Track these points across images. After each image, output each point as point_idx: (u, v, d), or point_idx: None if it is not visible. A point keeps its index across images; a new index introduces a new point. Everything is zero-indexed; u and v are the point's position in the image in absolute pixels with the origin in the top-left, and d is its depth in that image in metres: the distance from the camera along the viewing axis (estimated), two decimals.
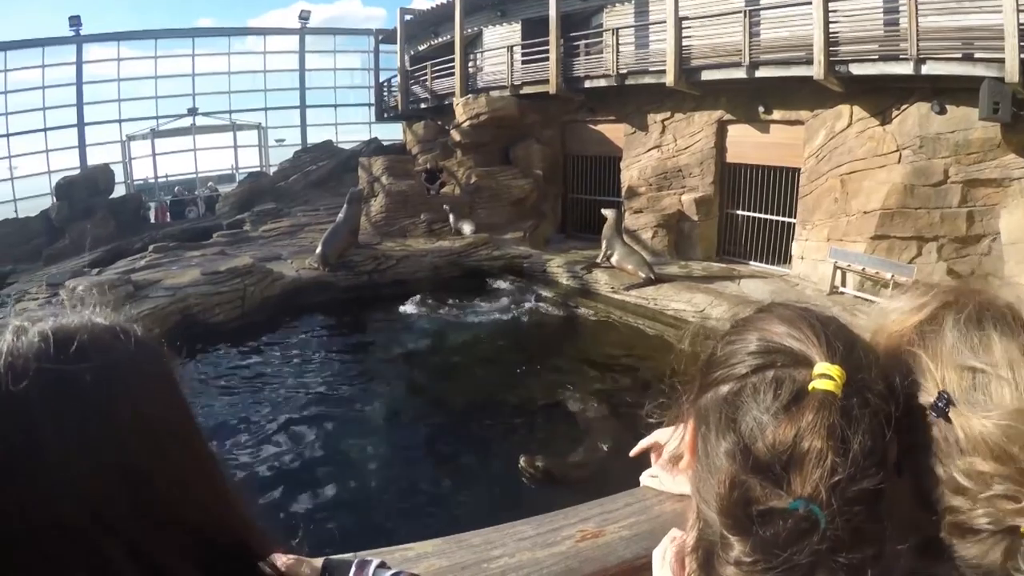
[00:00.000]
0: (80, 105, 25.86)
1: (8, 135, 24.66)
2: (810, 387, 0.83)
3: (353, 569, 1.22)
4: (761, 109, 13.35)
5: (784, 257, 13.71)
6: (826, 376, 0.83)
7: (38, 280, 15.53)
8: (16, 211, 23.81)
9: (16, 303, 14.26)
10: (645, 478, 1.86)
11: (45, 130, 25.49)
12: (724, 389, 0.89)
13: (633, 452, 1.88)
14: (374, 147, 25.39)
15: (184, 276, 14.33)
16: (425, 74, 23.16)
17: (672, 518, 1.73)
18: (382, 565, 1.25)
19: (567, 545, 1.73)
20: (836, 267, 11.57)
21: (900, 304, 1.04)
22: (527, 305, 14.28)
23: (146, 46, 27.51)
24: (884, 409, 0.85)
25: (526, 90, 18.31)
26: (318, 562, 1.25)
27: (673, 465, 1.64)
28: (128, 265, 16.05)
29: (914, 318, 0.99)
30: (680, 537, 1.10)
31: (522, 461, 7.62)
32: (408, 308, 14.16)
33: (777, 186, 13.70)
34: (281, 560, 1.18)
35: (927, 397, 0.91)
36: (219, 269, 14.12)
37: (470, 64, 20.83)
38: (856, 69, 11.31)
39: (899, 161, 11.30)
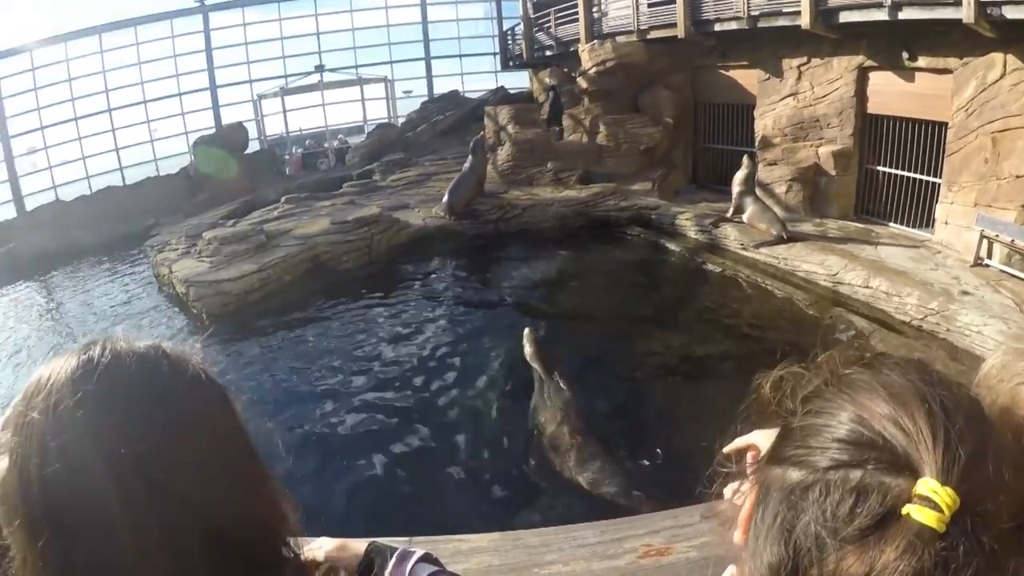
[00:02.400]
0: (211, 70, 27.37)
1: (145, 102, 26.45)
2: (904, 511, 0.61)
3: (393, 560, 1.23)
4: (905, 55, 12.16)
5: (926, 220, 12.66)
6: (930, 503, 0.60)
7: (178, 232, 16.56)
8: (157, 169, 25.52)
9: (158, 253, 15.32)
10: (729, 491, 1.73)
11: (180, 95, 27.13)
12: (793, 476, 0.70)
13: (725, 451, 1.59)
14: (500, 96, 25.33)
15: (314, 226, 14.96)
16: (549, 21, 22.68)
17: None
18: (425, 558, 1.24)
19: (627, 560, 1.66)
20: (983, 236, 10.52)
21: None
22: (653, 258, 14.19)
23: (270, 10, 28.62)
24: (1004, 557, 0.61)
25: (653, 35, 17.65)
26: (362, 545, 1.29)
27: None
28: (261, 216, 16.94)
29: None
30: None
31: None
32: (535, 257, 14.33)
33: (922, 141, 12.54)
34: (329, 544, 1.28)
35: None
36: (347, 219, 14.64)
37: (594, 9, 20.20)
38: (1011, 13, 9.95)
39: None
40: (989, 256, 10.61)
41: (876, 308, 10.37)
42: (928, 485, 0.61)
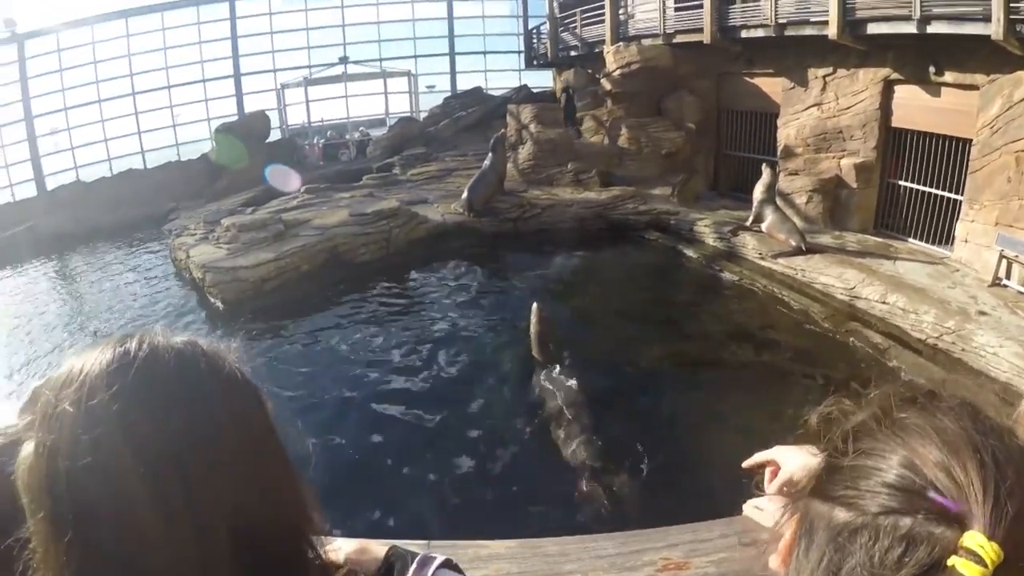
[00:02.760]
0: (236, 57, 27.53)
1: (169, 87, 26.64)
2: (949, 562, 0.61)
3: (413, 566, 1.21)
4: (932, 69, 12.02)
5: (946, 237, 12.49)
6: (976, 557, 0.60)
7: (197, 217, 16.63)
8: (179, 155, 25.75)
9: (176, 238, 15.41)
10: (748, 508, 1.71)
11: (204, 81, 27.28)
12: (841, 517, 0.69)
13: (746, 464, 1.70)
14: (523, 94, 25.30)
15: (333, 216, 15.01)
16: (575, 21, 22.66)
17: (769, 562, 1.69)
18: (447, 564, 1.23)
19: (645, 573, 1.64)
20: (1002, 256, 10.40)
21: None
22: (669, 263, 14.15)
23: (296, 1, 28.75)
24: None
25: (679, 39, 17.59)
26: (382, 549, 1.27)
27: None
28: (280, 205, 17.02)
29: None
30: None
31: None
32: (551, 257, 14.35)
33: (945, 157, 12.38)
34: (349, 547, 1.26)
35: None
36: (366, 211, 14.68)
37: (621, 11, 20.18)
38: None
39: None
40: (1008, 277, 10.49)
41: (892, 324, 10.30)
42: (975, 539, 0.60)
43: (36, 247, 18.41)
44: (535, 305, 9.68)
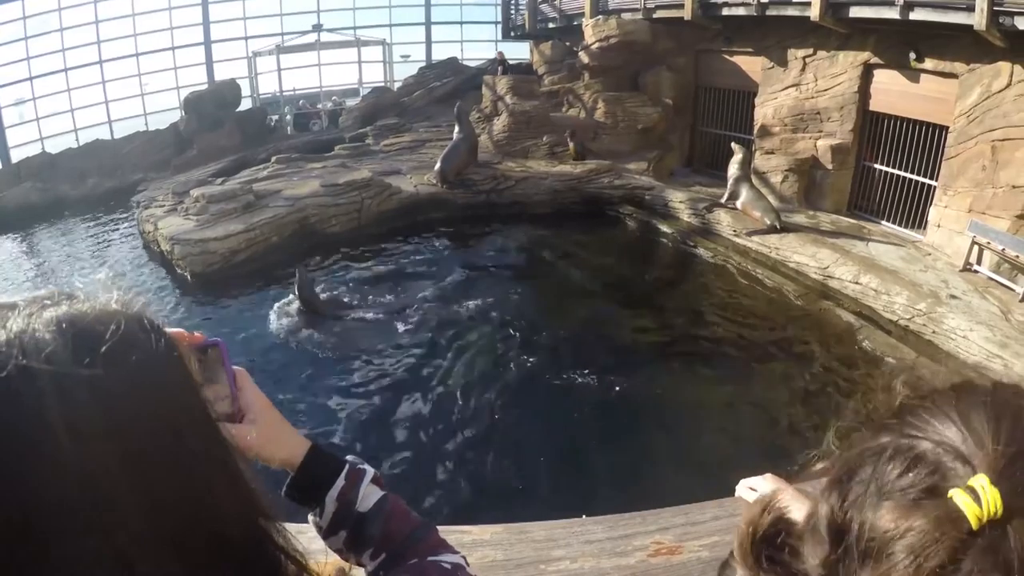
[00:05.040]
0: (206, 24, 26.63)
1: (137, 54, 25.75)
2: (948, 494, 0.63)
3: (341, 482, 1.10)
4: (912, 56, 12.03)
5: (919, 221, 12.61)
6: (975, 495, 0.62)
7: (165, 188, 16.28)
8: (147, 124, 25.03)
9: (144, 210, 15.05)
10: (742, 488, 1.68)
11: (173, 48, 26.43)
12: (875, 439, 0.72)
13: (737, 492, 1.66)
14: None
15: (304, 187, 14.79)
16: None
17: None
18: (376, 480, 1.14)
19: (637, 558, 1.61)
20: (974, 242, 10.52)
21: None
22: (644, 238, 14.16)
23: None
24: None
25: (659, 14, 17.40)
26: (299, 445, 1.11)
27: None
28: (251, 175, 16.66)
29: None
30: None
31: None
32: (524, 230, 14.35)
33: (921, 143, 12.44)
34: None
35: None
36: (338, 182, 14.48)
37: None
38: (1023, 23, 9.87)
39: None
40: (979, 262, 10.63)
41: (864, 304, 10.41)
42: (979, 480, 0.62)
43: (0, 221, 17.92)
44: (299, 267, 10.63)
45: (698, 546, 1.56)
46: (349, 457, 1.16)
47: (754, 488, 1.62)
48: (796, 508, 0.80)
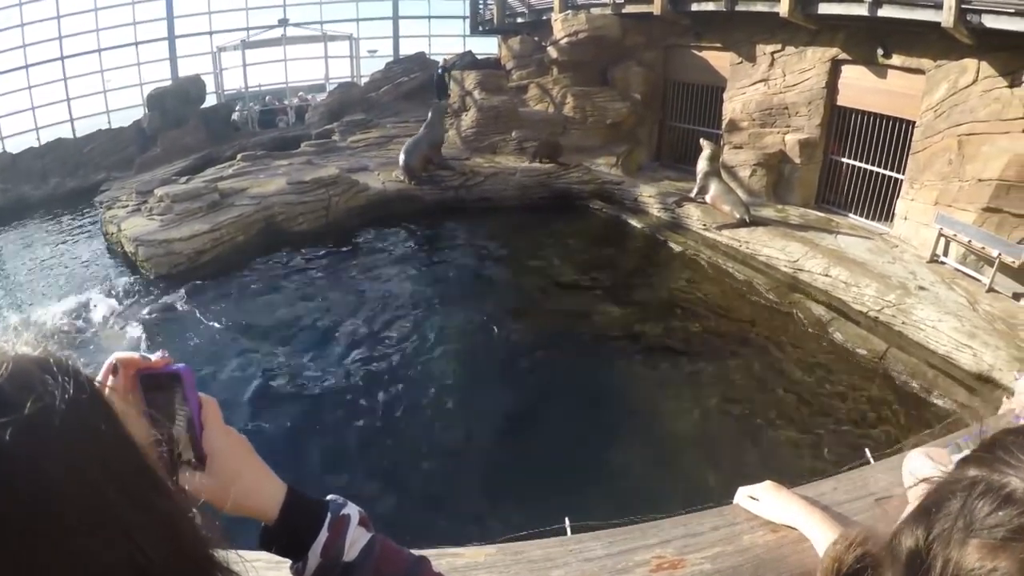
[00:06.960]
0: (170, 19, 26.19)
1: (99, 50, 25.20)
2: None
3: (326, 534, 1.01)
4: (880, 52, 12.20)
5: (886, 214, 12.74)
6: None
7: (128, 188, 15.95)
8: (109, 122, 24.54)
9: (107, 210, 14.74)
10: (741, 496, 1.71)
11: (136, 44, 25.94)
12: (970, 472, 0.71)
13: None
14: (468, 60, 24.90)
15: (270, 185, 14.56)
16: None
17: (763, 553, 1.55)
18: (363, 522, 1.04)
19: (638, 574, 1.53)
20: (940, 234, 10.67)
21: None
22: (613, 233, 14.16)
23: None
24: None
25: (629, 9, 17.38)
26: (278, 492, 1.01)
27: None
28: (216, 173, 16.38)
29: None
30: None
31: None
32: (494, 226, 14.31)
33: (888, 137, 12.59)
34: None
35: None
36: (304, 179, 14.27)
37: None
38: (990, 21, 10.03)
39: None
40: (945, 254, 10.78)
41: (834, 297, 10.52)
42: None
43: None
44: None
45: (700, 558, 1.51)
46: (331, 497, 1.06)
47: (754, 496, 1.65)
48: (877, 545, 0.80)
